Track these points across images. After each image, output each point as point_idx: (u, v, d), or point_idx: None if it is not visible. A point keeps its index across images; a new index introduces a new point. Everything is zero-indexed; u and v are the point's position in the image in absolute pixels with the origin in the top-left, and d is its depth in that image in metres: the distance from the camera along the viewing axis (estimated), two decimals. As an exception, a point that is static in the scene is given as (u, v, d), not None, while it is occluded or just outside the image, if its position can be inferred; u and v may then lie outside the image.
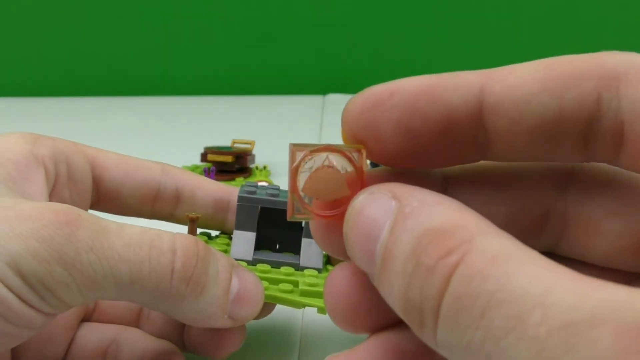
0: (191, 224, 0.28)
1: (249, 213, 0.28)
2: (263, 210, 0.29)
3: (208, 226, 0.31)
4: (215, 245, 0.29)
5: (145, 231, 0.22)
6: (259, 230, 0.29)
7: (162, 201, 0.29)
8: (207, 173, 0.53)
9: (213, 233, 0.31)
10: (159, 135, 0.76)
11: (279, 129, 0.78)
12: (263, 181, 0.54)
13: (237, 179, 0.55)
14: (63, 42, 1.02)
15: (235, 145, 0.60)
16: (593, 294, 0.11)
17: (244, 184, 0.29)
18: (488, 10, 0.97)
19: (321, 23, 0.99)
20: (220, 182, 0.31)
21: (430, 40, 0.98)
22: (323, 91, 0.96)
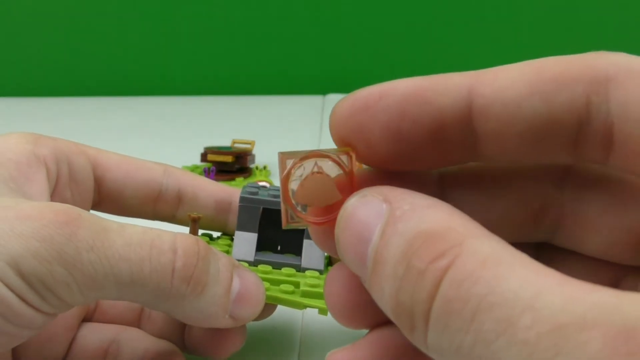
0: (193, 224, 0.28)
1: (251, 214, 0.28)
2: (265, 211, 0.29)
3: (210, 227, 0.31)
4: (217, 246, 0.29)
5: (146, 231, 0.22)
6: (260, 231, 0.29)
7: (164, 202, 0.29)
8: (207, 173, 0.53)
9: (215, 234, 0.31)
10: (159, 135, 0.75)
11: (279, 129, 0.78)
12: (263, 181, 0.54)
13: (237, 179, 0.55)
14: (63, 42, 1.02)
15: (235, 145, 0.60)
16: (582, 297, 0.11)
17: (245, 185, 0.29)
18: (488, 10, 0.97)
19: (321, 23, 0.99)
20: (221, 183, 0.31)
21: (430, 40, 0.98)
22: (323, 91, 0.97)
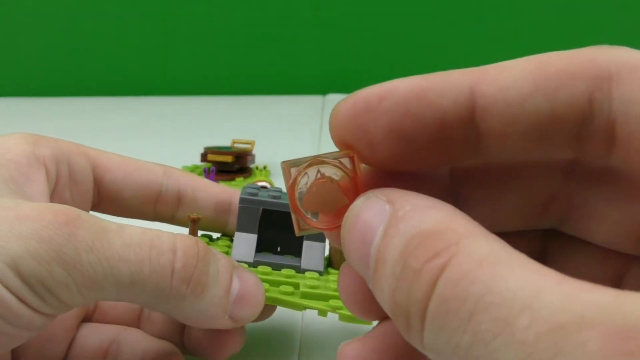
0: (192, 224, 0.28)
1: (251, 215, 0.28)
2: (265, 212, 0.29)
3: (209, 228, 0.31)
4: (217, 247, 0.29)
5: (145, 231, 0.22)
6: (260, 232, 0.29)
7: (164, 203, 0.29)
8: (207, 173, 0.53)
9: (214, 235, 0.31)
10: (159, 135, 0.75)
11: (279, 129, 0.78)
12: (263, 181, 0.54)
13: (237, 179, 0.55)
14: (63, 42, 1.02)
15: (235, 145, 0.60)
16: (581, 297, 0.11)
17: (245, 186, 0.29)
18: (487, 10, 0.97)
19: (321, 23, 0.99)
20: (222, 184, 0.31)
21: (430, 40, 0.98)
22: (323, 91, 0.96)
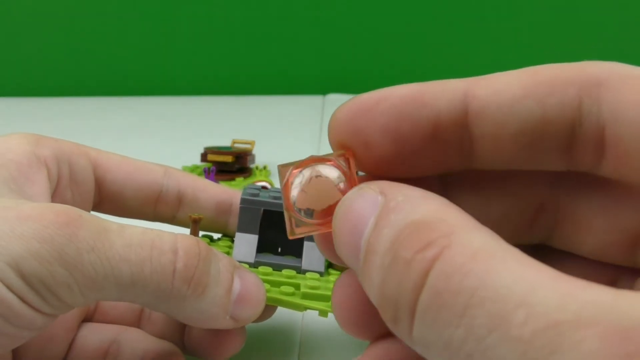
0: (193, 225, 0.28)
1: (252, 215, 0.28)
2: (266, 213, 0.29)
3: (210, 229, 0.31)
4: (218, 248, 0.29)
5: (146, 231, 0.22)
6: (261, 233, 0.29)
7: (165, 203, 0.29)
8: (207, 173, 0.53)
9: (215, 235, 0.31)
10: (159, 135, 0.75)
11: (279, 129, 0.78)
12: (263, 181, 0.54)
13: (237, 179, 0.55)
14: (63, 42, 1.02)
15: (235, 145, 0.60)
16: (578, 295, 0.11)
17: (246, 187, 0.29)
18: (488, 11, 0.97)
19: (321, 23, 0.99)
20: (222, 185, 0.31)
21: (430, 40, 0.98)
22: (323, 91, 0.97)
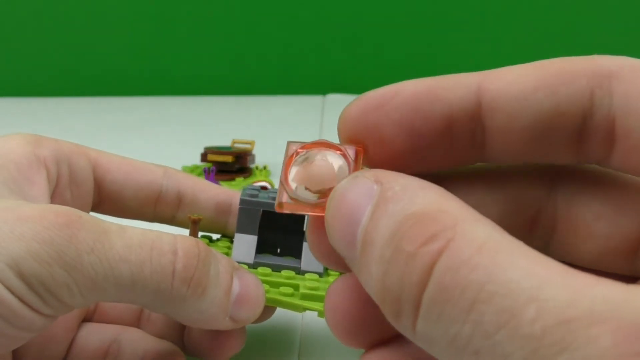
0: (193, 225, 0.28)
1: (251, 216, 0.28)
2: (265, 214, 0.29)
3: (209, 229, 0.31)
4: (217, 248, 0.29)
5: (146, 232, 0.22)
6: (260, 234, 0.29)
7: (164, 204, 0.29)
8: (207, 173, 0.53)
9: (214, 236, 0.31)
10: (159, 135, 0.75)
11: (279, 129, 0.78)
12: (263, 181, 0.54)
13: (237, 179, 0.55)
14: (63, 42, 1.02)
15: (235, 145, 0.60)
16: (589, 291, 0.11)
17: (246, 187, 0.29)
18: (488, 11, 0.97)
19: (321, 23, 0.99)
20: (222, 186, 0.31)
21: (430, 40, 0.98)
22: (323, 91, 0.96)
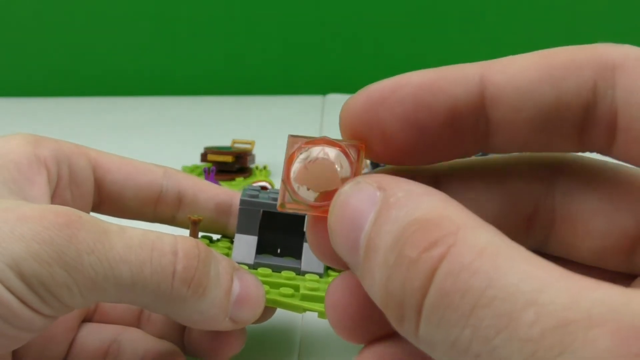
0: (193, 226, 0.28)
1: (251, 217, 0.28)
2: (265, 214, 0.29)
3: (210, 229, 0.31)
4: (217, 249, 0.29)
5: (146, 233, 0.22)
6: (260, 234, 0.29)
7: (164, 204, 0.29)
8: (207, 173, 0.53)
9: (214, 236, 0.31)
10: (159, 135, 0.76)
11: (279, 129, 0.78)
12: (263, 181, 0.54)
13: (237, 179, 0.55)
14: (63, 42, 1.02)
15: (235, 145, 0.60)
16: (588, 294, 0.11)
17: (246, 188, 0.29)
18: (488, 11, 0.97)
19: (321, 23, 0.99)
20: (222, 186, 0.31)
21: (430, 40, 0.98)
22: (323, 91, 0.97)
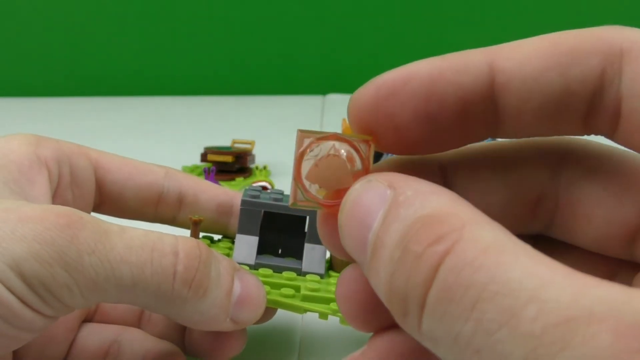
0: (194, 226, 0.28)
1: (252, 217, 0.28)
2: (266, 215, 0.29)
3: (211, 230, 0.31)
4: (218, 249, 0.29)
5: (147, 234, 0.22)
6: (261, 235, 0.29)
7: (165, 204, 0.29)
8: (207, 173, 0.53)
9: (215, 237, 0.31)
10: (159, 135, 0.76)
11: (279, 129, 0.78)
12: (263, 181, 0.54)
13: (237, 179, 0.55)
14: (63, 42, 1.02)
15: (235, 145, 0.60)
16: (589, 291, 0.11)
17: (247, 188, 0.29)
18: (488, 11, 0.97)
19: (321, 23, 0.99)
20: (223, 186, 0.31)
21: (430, 40, 0.98)
22: (323, 91, 0.97)
